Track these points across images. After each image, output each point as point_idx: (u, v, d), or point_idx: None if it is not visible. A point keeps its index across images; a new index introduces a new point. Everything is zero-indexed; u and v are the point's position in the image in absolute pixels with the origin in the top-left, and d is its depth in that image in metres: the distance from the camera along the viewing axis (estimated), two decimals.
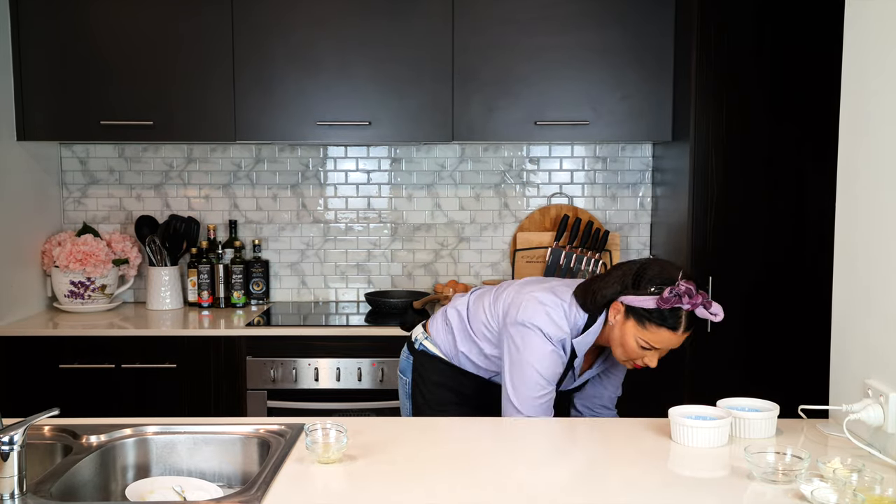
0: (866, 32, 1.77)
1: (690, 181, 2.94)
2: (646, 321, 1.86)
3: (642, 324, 1.87)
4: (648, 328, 1.86)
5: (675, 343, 1.88)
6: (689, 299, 1.83)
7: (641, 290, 1.87)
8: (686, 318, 1.85)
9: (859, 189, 1.78)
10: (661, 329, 1.85)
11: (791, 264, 2.94)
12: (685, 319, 1.85)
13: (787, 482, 1.46)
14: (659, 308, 1.84)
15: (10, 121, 3.15)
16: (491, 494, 1.46)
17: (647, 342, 1.87)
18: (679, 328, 1.85)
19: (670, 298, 1.82)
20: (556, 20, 3.12)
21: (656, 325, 1.85)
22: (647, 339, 1.87)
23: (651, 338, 1.86)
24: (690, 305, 1.83)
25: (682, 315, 1.84)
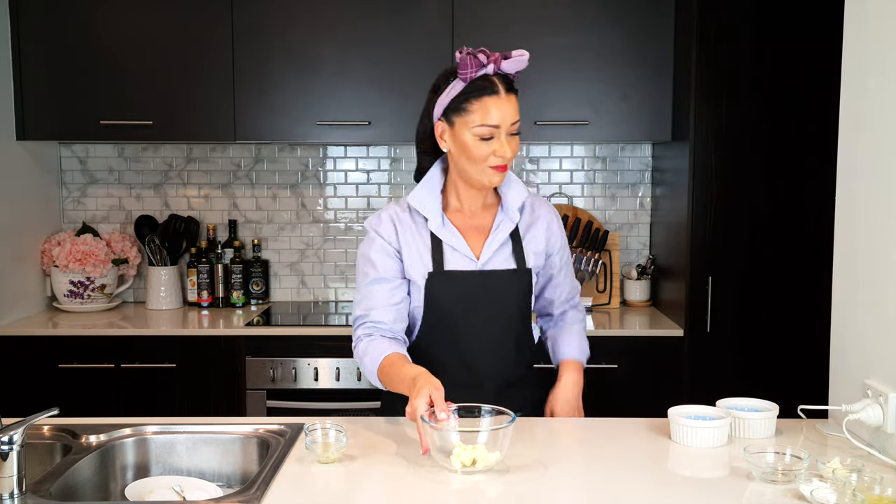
0: (866, 32, 1.77)
1: (690, 181, 2.94)
2: (466, 106, 1.73)
3: (466, 112, 1.73)
4: (472, 110, 1.73)
5: (507, 110, 1.72)
6: (485, 58, 1.72)
7: (442, 87, 1.78)
8: (500, 80, 1.73)
9: (859, 189, 1.78)
10: (483, 99, 1.72)
11: (791, 264, 2.94)
12: (499, 81, 1.73)
13: (786, 482, 1.46)
14: (466, 81, 1.73)
15: (10, 120, 3.16)
16: (490, 494, 1.46)
17: (481, 124, 1.72)
18: (499, 90, 1.72)
19: (466, 59, 1.71)
20: (556, 20, 3.12)
21: (476, 98, 1.72)
22: (479, 119, 1.72)
23: (481, 116, 1.72)
24: (493, 63, 1.72)
25: (491, 77, 1.73)
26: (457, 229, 1.86)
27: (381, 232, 1.87)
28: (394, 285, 1.86)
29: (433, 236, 1.85)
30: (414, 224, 1.87)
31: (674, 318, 3.12)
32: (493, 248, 1.86)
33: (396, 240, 1.86)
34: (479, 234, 1.88)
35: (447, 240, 1.84)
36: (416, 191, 1.87)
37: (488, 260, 1.86)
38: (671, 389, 2.96)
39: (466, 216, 1.89)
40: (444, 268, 1.84)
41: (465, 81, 1.74)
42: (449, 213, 1.89)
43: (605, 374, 2.98)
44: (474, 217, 1.89)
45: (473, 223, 1.89)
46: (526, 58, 1.76)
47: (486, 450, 1.53)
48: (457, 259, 1.85)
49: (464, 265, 1.85)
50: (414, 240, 1.86)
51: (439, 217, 1.85)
